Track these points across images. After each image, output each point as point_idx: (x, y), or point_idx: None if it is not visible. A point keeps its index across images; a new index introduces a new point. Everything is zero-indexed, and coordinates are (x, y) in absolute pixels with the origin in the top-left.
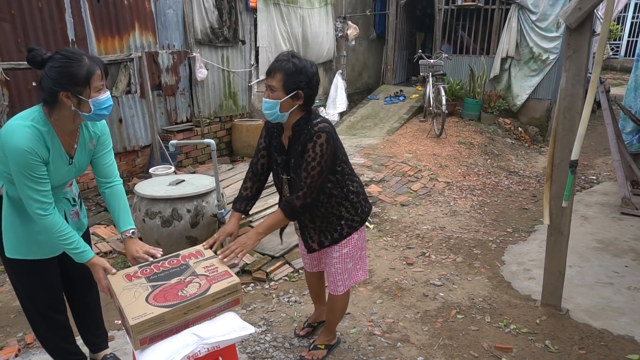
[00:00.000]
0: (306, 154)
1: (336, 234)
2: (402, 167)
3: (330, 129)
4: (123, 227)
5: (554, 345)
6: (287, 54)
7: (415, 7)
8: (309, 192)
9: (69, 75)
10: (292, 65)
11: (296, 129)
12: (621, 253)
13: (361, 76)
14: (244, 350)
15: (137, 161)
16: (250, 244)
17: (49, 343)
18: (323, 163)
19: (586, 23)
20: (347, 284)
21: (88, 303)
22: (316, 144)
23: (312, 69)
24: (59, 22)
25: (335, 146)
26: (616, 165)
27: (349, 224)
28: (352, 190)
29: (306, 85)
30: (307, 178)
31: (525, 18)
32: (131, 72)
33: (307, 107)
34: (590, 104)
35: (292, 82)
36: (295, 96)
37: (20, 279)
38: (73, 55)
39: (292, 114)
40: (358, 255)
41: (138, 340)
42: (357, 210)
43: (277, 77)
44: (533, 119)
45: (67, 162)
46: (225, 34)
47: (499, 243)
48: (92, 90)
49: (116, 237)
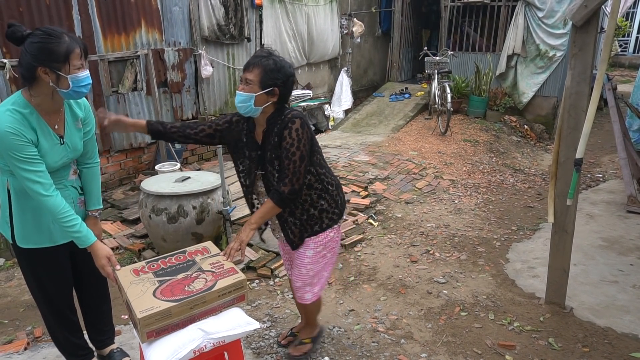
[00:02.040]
0: (284, 142)
1: (317, 227)
2: (407, 164)
3: (303, 116)
4: (92, 206)
5: (558, 342)
6: (267, 51)
7: (421, 4)
8: (294, 177)
9: (48, 51)
10: (271, 62)
11: (270, 122)
12: (626, 251)
13: (366, 73)
14: (249, 345)
15: (143, 158)
16: (245, 237)
17: (58, 336)
18: (302, 147)
19: (592, 21)
20: (315, 291)
21: (98, 299)
22: (291, 129)
23: (290, 70)
24: (66, 20)
25: (310, 132)
26: (622, 163)
27: (330, 217)
28: (331, 182)
29: (282, 83)
30: (290, 164)
31: (532, 15)
32: (137, 69)
33: (281, 104)
34: (596, 102)
35: (270, 79)
36: (270, 92)
37: (31, 269)
38: (53, 32)
39: (265, 109)
40: (331, 261)
41: (145, 333)
42: (337, 202)
43: (255, 72)
44: (539, 116)
45: (59, 141)
46: (231, 31)
47: (503, 241)
48: (71, 68)
49: (122, 234)
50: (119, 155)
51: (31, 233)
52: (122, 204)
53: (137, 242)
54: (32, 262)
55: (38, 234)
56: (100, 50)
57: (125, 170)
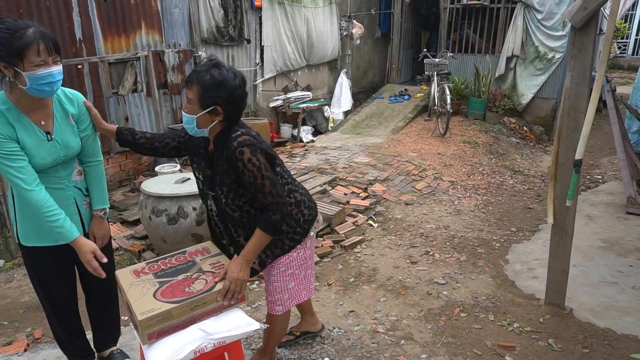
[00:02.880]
0: (244, 177)
1: (277, 249)
2: (406, 166)
3: (251, 140)
4: (97, 205)
5: (558, 343)
6: (208, 63)
7: (421, 6)
8: (280, 204)
9: (4, 46)
10: (209, 77)
11: (217, 143)
12: (626, 252)
13: (366, 75)
14: (249, 346)
15: (143, 159)
16: (245, 277)
17: (60, 335)
18: (265, 173)
19: (591, 22)
20: (288, 304)
21: (107, 304)
22: (244, 162)
23: (234, 82)
24: (66, 21)
25: (264, 152)
26: (622, 165)
27: (291, 237)
28: (290, 202)
29: (225, 101)
30: (267, 196)
31: (531, 17)
32: (137, 71)
33: (230, 122)
34: (595, 104)
35: (209, 97)
36: (212, 111)
37: (33, 267)
38: (13, 26)
39: (214, 127)
40: (302, 275)
41: (146, 335)
42: (298, 221)
43: (194, 90)
44: (538, 118)
45: (45, 138)
46: (230, 33)
47: (503, 242)
48: (27, 64)
49: (122, 235)
50: (119, 157)
51: (32, 231)
52: (122, 205)
53: (137, 244)
54: (34, 260)
55: (38, 232)
56: (101, 51)
57: (125, 172)
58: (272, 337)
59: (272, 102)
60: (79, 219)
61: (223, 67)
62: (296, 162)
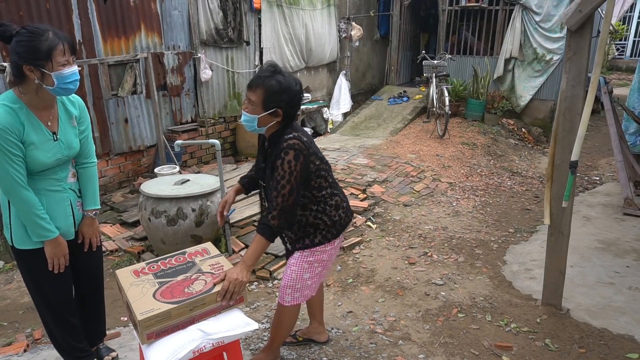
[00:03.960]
0: (275, 172)
1: (308, 241)
2: (405, 167)
3: (300, 146)
4: (88, 206)
5: (554, 344)
6: (272, 68)
7: (419, 8)
8: (282, 211)
9: (32, 49)
10: (275, 82)
11: (271, 141)
12: (623, 253)
13: (365, 77)
14: (248, 347)
15: (142, 161)
16: (244, 280)
17: (58, 339)
18: (293, 180)
19: (586, 25)
20: (297, 296)
21: (94, 300)
22: (284, 160)
23: (296, 87)
24: (66, 23)
25: (306, 162)
26: (619, 166)
27: (324, 234)
28: (331, 204)
29: (287, 104)
30: (278, 197)
31: (529, 19)
32: (137, 73)
33: (287, 122)
34: (590, 105)
35: (273, 101)
36: (274, 113)
37: (28, 270)
38: (36, 30)
39: (271, 127)
40: (318, 271)
41: (145, 335)
42: (334, 222)
43: (258, 93)
44: (537, 119)
45: (51, 137)
46: (229, 35)
47: (500, 243)
48: (55, 64)
49: (122, 236)
50: (119, 158)
51: (26, 234)
52: (121, 206)
53: (136, 245)
54: (28, 264)
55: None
56: (100, 53)
57: (124, 173)
58: (278, 333)
59: None
60: (72, 220)
61: (285, 73)
62: None
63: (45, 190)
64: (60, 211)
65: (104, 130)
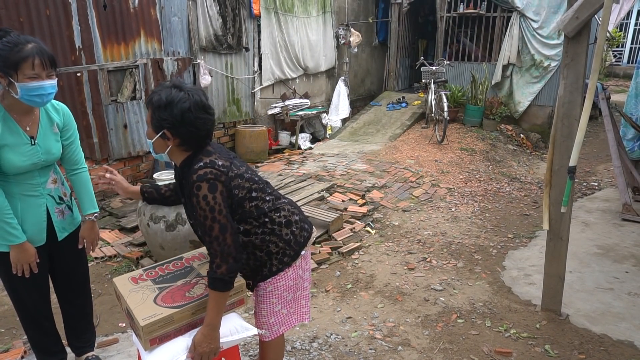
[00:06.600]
0: (195, 214)
1: (266, 270)
2: (404, 173)
3: (213, 173)
4: (87, 210)
5: (554, 349)
6: (168, 83)
7: (418, 14)
8: (224, 255)
9: (3, 58)
10: (157, 98)
11: (183, 172)
12: (621, 259)
13: (364, 83)
14: (247, 353)
15: (141, 166)
16: (215, 344)
17: (33, 338)
18: (218, 216)
19: (584, 32)
20: (276, 330)
21: (81, 307)
22: (199, 198)
23: (183, 105)
24: (66, 30)
25: (228, 189)
26: (617, 172)
27: (279, 259)
28: (279, 222)
29: (172, 125)
30: (213, 242)
31: (527, 25)
32: (136, 79)
33: (191, 147)
34: (588, 111)
35: (157, 120)
36: (163, 136)
37: (8, 273)
38: (14, 40)
39: (175, 154)
40: (290, 298)
41: (148, 340)
42: (288, 242)
43: (149, 112)
44: (535, 125)
45: (28, 141)
46: (229, 41)
47: (499, 248)
48: (20, 76)
49: (120, 242)
50: (118, 164)
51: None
52: (120, 212)
53: (135, 250)
54: (5, 266)
55: None
56: (100, 59)
57: None
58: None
59: (271, 110)
60: (46, 225)
61: (180, 88)
62: (294, 169)
63: (21, 195)
64: (33, 216)
65: (103, 135)
